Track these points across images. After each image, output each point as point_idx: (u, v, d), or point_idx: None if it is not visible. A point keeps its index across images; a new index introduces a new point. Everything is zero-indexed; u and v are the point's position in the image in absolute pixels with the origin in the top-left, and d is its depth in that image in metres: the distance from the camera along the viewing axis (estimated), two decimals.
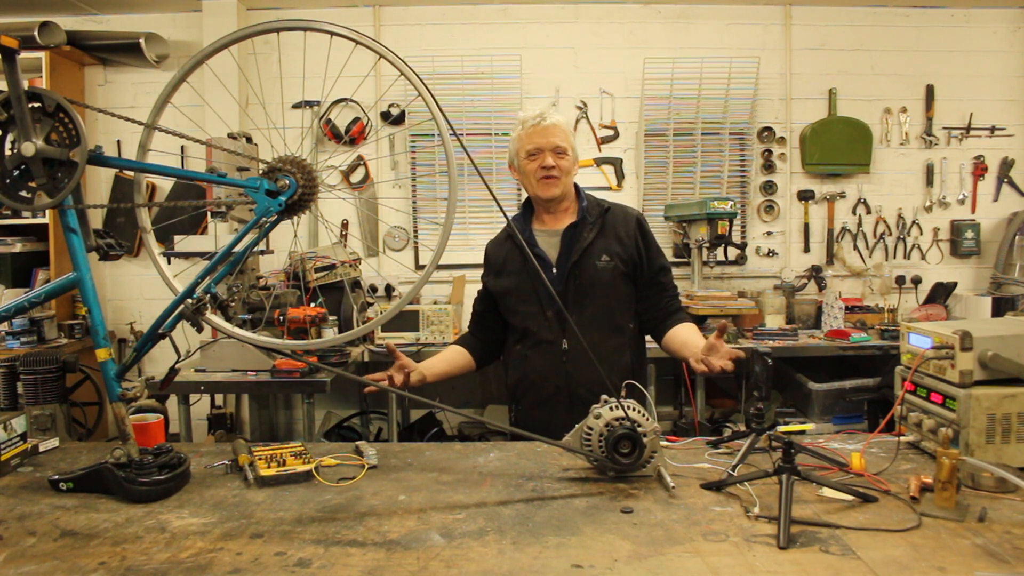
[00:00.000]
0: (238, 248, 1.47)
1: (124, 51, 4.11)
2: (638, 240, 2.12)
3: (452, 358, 2.25)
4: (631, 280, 2.12)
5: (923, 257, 4.46)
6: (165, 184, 4.33)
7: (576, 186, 2.22)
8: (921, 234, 4.46)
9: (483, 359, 2.30)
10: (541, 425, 1.90)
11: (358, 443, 1.70)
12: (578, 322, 1.98)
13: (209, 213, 3.61)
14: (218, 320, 1.49)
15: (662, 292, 2.16)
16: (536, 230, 2.19)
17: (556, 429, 1.63)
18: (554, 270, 2.11)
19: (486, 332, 2.29)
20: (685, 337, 2.06)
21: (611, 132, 4.40)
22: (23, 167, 1.41)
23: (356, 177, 4.38)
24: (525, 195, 2.26)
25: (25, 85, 1.39)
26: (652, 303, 2.15)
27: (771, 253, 4.45)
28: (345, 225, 4.38)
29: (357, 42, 1.33)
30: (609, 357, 2.01)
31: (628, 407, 1.48)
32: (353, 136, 4.24)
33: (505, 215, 1.70)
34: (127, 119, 1.54)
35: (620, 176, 4.41)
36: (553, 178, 2.09)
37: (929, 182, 4.44)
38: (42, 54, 3.89)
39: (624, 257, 2.09)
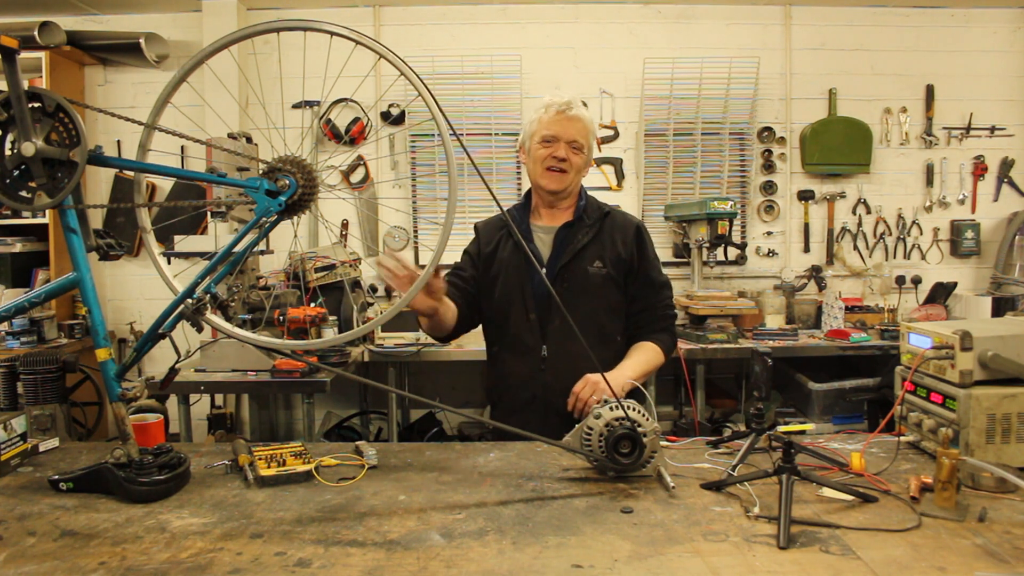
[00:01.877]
0: (238, 248, 1.47)
1: (124, 51, 4.11)
2: (634, 250, 2.02)
3: (451, 310, 2.01)
4: (623, 289, 2.02)
5: (923, 257, 4.46)
6: (165, 184, 4.33)
7: (580, 186, 2.12)
8: (921, 234, 4.46)
9: (461, 327, 2.08)
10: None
11: (358, 443, 1.70)
12: (561, 328, 1.90)
13: (209, 213, 3.61)
14: (218, 320, 1.49)
15: (648, 309, 2.04)
16: (533, 225, 2.07)
17: None
18: (543, 270, 1.98)
19: (463, 305, 2.05)
20: (628, 354, 1.97)
21: (611, 132, 4.40)
22: (23, 167, 1.41)
23: (356, 177, 4.38)
24: (527, 186, 2.17)
25: (25, 85, 1.39)
26: (634, 316, 2.05)
27: (771, 253, 4.45)
28: (345, 225, 4.38)
29: (357, 42, 1.33)
30: (592, 368, 1.81)
31: (628, 407, 1.48)
32: (353, 136, 4.24)
33: (503, 211, 1.64)
34: (127, 119, 1.53)
35: (620, 176, 4.41)
36: (562, 171, 1.98)
37: (929, 182, 4.44)
38: (42, 54, 3.90)
39: (617, 265, 2.00)
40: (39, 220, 4.05)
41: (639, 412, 1.49)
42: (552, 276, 1.97)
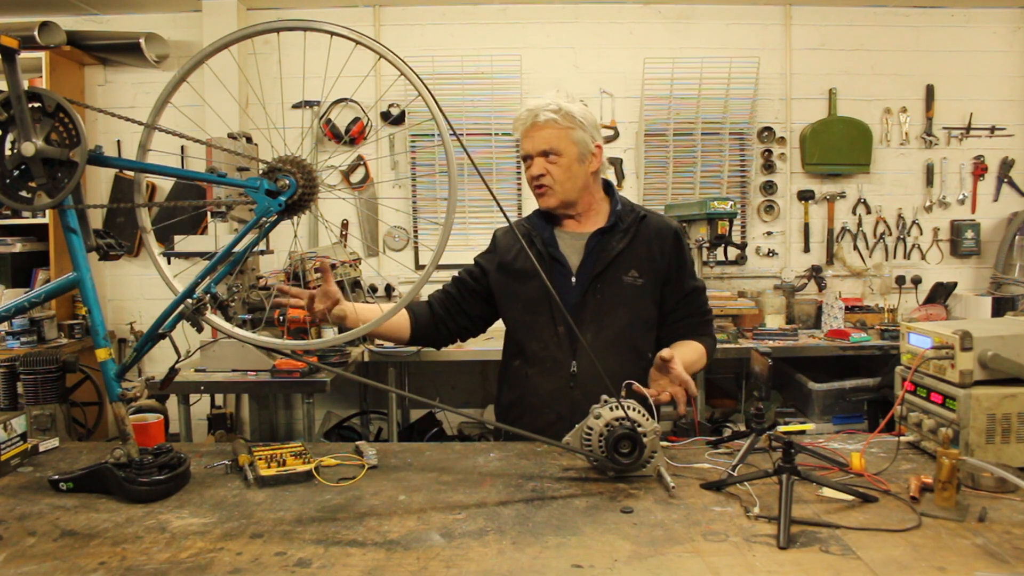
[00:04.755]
0: (238, 248, 1.47)
1: (124, 51, 4.12)
2: (672, 258, 1.89)
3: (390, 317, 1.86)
4: (656, 301, 1.90)
5: (923, 257, 4.46)
6: (165, 184, 4.33)
7: (608, 185, 1.97)
8: (921, 234, 4.46)
9: (423, 337, 1.99)
10: None
11: (358, 443, 1.70)
12: (592, 343, 1.79)
13: (209, 213, 3.61)
14: (218, 320, 1.49)
15: (690, 316, 1.93)
16: (558, 231, 1.94)
17: None
18: (573, 279, 1.86)
19: (448, 316, 2.00)
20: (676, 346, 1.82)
21: (611, 132, 4.40)
22: (23, 167, 1.41)
23: (356, 177, 4.38)
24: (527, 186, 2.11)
25: (25, 85, 1.39)
26: (674, 325, 1.93)
27: (771, 253, 4.45)
28: (345, 225, 4.38)
29: (357, 42, 1.33)
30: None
31: (628, 407, 1.48)
32: (353, 136, 4.24)
33: (506, 216, 1.61)
34: (127, 119, 1.53)
35: (620, 176, 4.41)
36: (545, 187, 1.84)
37: (929, 182, 4.44)
38: (42, 54, 3.90)
39: (654, 275, 1.86)
40: (39, 220, 4.05)
41: (639, 412, 1.49)
42: (583, 286, 1.84)
